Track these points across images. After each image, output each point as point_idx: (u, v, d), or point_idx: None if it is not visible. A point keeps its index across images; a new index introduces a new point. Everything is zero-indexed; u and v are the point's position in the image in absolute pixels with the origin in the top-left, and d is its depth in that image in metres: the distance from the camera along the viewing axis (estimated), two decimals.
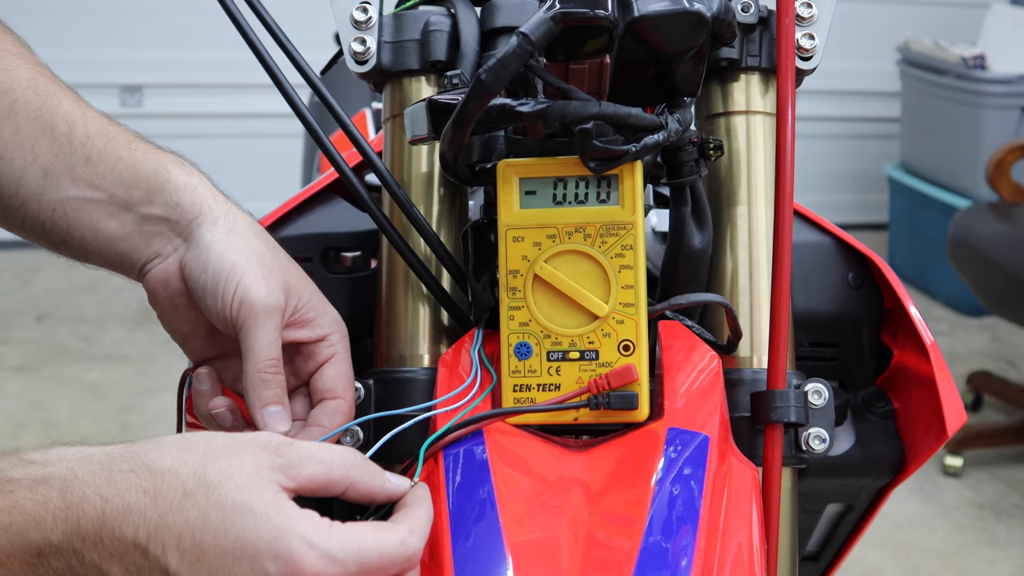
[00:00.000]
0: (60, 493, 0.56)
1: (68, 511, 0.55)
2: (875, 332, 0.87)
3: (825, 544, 0.98)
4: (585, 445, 0.70)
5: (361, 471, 0.62)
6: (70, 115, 0.74)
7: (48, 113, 0.74)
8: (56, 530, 0.55)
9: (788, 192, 0.72)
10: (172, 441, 0.59)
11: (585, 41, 0.68)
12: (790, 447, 0.75)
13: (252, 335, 0.70)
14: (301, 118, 0.77)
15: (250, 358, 0.70)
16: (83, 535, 0.55)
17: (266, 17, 0.77)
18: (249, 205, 0.77)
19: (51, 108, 0.74)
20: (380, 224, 0.77)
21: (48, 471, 0.56)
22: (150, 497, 0.56)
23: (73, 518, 0.55)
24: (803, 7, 0.79)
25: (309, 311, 0.74)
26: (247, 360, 0.71)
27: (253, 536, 0.55)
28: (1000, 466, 2.87)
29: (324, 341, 0.74)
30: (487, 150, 0.75)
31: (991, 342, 3.62)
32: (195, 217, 0.73)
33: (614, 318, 0.70)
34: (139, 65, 4.04)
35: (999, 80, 3.59)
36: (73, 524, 0.55)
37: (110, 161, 0.73)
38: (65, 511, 0.55)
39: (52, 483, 0.56)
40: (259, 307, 0.70)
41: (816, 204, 1.01)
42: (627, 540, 0.62)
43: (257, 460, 0.58)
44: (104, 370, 3.13)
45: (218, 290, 0.71)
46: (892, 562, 2.46)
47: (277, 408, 0.71)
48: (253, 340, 0.70)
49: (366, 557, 0.57)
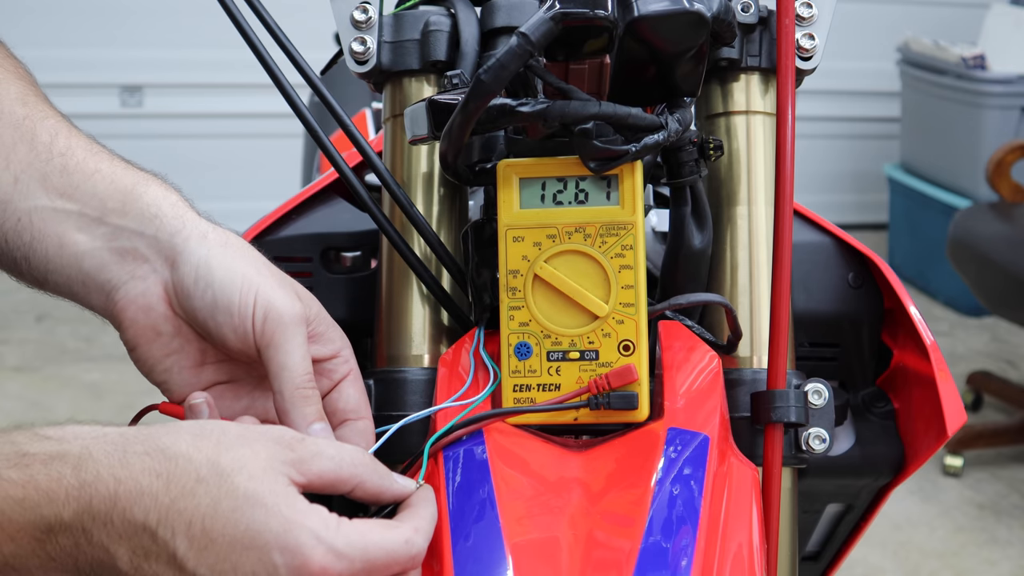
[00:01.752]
0: (74, 470, 0.56)
1: (81, 489, 0.55)
2: (875, 332, 0.87)
3: (825, 544, 0.98)
4: (585, 445, 0.70)
5: (369, 470, 0.62)
6: (54, 128, 0.69)
7: (31, 123, 0.69)
8: (68, 507, 0.55)
9: (788, 192, 0.72)
10: (186, 427, 0.59)
11: (585, 41, 0.68)
12: (790, 447, 0.75)
13: (283, 349, 0.65)
14: (301, 118, 0.77)
15: (285, 375, 0.65)
16: (94, 514, 0.55)
17: (266, 17, 0.77)
18: (249, 205, 0.77)
19: (36, 120, 0.69)
20: (380, 224, 0.77)
21: (63, 447, 0.56)
22: (163, 481, 0.56)
23: (86, 496, 0.55)
24: (803, 7, 0.79)
25: (320, 324, 0.69)
26: (281, 378, 0.65)
27: (263, 527, 0.56)
28: (1000, 466, 2.87)
29: (339, 357, 0.70)
30: (487, 150, 0.75)
31: (991, 342, 3.62)
32: (178, 231, 0.66)
33: (614, 318, 0.70)
34: (139, 65, 4.04)
35: (999, 80, 3.59)
36: (85, 503, 0.55)
37: (87, 171, 0.67)
38: (78, 489, 0.55)
39: (67, 460, 0.56)
40: (288, 318, 0.65)
41: (816, 204, 1.01)
42: (627, 540, 0.62)
43: (270, 452, 0.58)
44: (104, 370, 3.13)
45: (233, 304, 0.65)
46: (892, 562, 2.46)
47: (322, 425, 0.66)
48: (286, 355, 0.65)
49: (372, 554, 0.58)
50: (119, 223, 0.66)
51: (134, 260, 0.67)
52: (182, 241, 0.66)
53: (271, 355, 0.65)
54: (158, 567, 0.56)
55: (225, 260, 0.66)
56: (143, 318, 0.67)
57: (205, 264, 0.66)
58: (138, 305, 0.66)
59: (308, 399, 0.66)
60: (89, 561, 0.56)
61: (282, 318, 0.65)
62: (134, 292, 0.66)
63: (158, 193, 0.68)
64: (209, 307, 0.65)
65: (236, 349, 0.67)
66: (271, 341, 0.65)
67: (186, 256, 0.66)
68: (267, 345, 0.65)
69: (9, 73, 0.72)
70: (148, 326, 0.67)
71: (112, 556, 0.56)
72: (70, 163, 0.67)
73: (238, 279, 0.65)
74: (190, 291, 0.66)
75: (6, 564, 0.56)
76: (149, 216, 0.67)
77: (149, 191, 0.67)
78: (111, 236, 0.66)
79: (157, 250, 0.67)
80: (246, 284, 0.65)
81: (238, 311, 0.65)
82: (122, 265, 0.67)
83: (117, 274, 0.67)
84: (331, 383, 0.70)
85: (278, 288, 0.66)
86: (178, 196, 0.69)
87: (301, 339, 0.66)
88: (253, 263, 0.67)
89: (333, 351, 0.70)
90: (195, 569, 0.55)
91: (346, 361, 0.70)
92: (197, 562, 0.55)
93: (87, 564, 0.56)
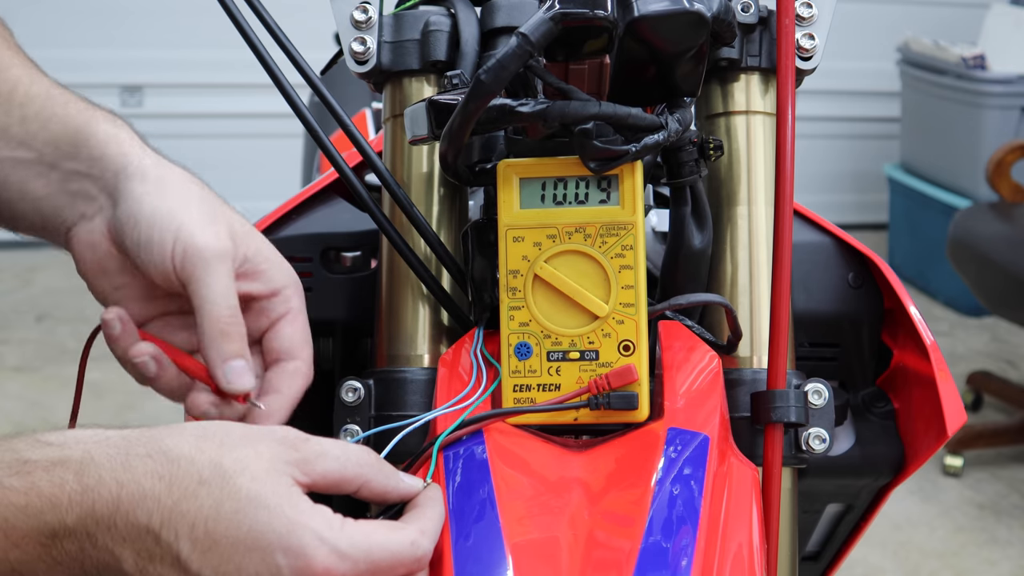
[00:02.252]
0: (76, 476, 0.56)
1: (84, 494, 0.55)
2: (875, 332, 0.87)
3: (825, 544, 0.98)
4: (585, 445, 0.70)
5: (375, 470, 0.61)
6: (15, 77, 0.70)
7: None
8: (71, 513, 0.55)
9: (788, 192, 0.72)
10: (190, 428, 0.59)
11: (585, 41, 0.68)
12: (790, 447, 0.75)
13: (203, 283, 0.65)
14: (301, 118, 0.77)
15: (205, 309, 0.65)
16: (97, 518, 0.55)
17: (266, 17, 0.77)
18: (249, 205, 0.76)
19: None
20: (380, 224, 0.77)
21: (65, 453, 0.56)
22: (165, 483, 0.56)
23: (88, 501, 0.55)
24: (803, 7, 0.79)
25: (261, 261, 0.69)
26: (201, 313, 0.65)
27: (266, 528, 0.56)
28: (1000, 466, 2.87)
29: (278, 296, 0.69)
30: (487, 150, 0.75)
31: (991, 342, 3.62)
32: (120, 169, 0.68)
33: (614, 318, 0.70)
34: (139, 65, 4.04)
35: (999, 80, 3.59)
36: (88, 507, 0.55)
37: (43, 119, 0.69)
38: (81, 494, 0.55)
39: (69, 465, 0.56)
40: (207, 252, 0.65)
41: (816, 204, 1.01)
42: (627, 540, 0.62)
43: (274, 453, 0.58)
44: (104, 370, 3.10)
45: (153, 241, 0.65)
46: (892, 562, 2.46)
47: (240, 362, 0.66)
48: (205, 289, 0.65)
49: (376, 555, 0.57)
50: (70, 167, 0.69)
51: (84, 200, 0.69)
52: (123, 180, 0.68)
53: (192, 291, 0.66)
54: (163, 569, 0.56)
55: (155, 199, 0.67)
56: (90, 255, 0.69)
57: (137, 202, 0.67)
58: (85, 243, 0.69)
59: (229, 336, 0.66)
60: (95, 564, 0.56)
61: (201, 253, 0.65)
62: (83, 231, 0.69)
63: (106, 132, 0.69)
64: (136, 245, 0.67)
65: (164, 286, 0.67)
66: (190, 276, 0.65)
67: (123, 195, 0.67)
68: (187, 281, 0.66)
69: None
70: (95, 262, 0.69)
71: (117, 559, 0.56)
72: (28, 113, 0.69)
73: (161, 214, 0.66)
74: (123, 229, 0.67)
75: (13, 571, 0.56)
76: (96, 157, 0.68)
77: (98, 131, 0.69)
78: (64, 179, 0.69)
79: (102, 188, 0.69)
80: (168, 219, 0.66)
81: (158, 248, 0.66)
82: (74, 206, 0.69)
83: (70, 214, 0.69)
84: (268, 321, 0.69)
85: (205, 225, 0.66)
86: (127, 132, 0.70)
87: (223, 273, 0.66)
88: (184, 197, 0.67)
89: (271, 289, 0.69)
90: (199, 571, 0.55)
91: (286, 300, 0.69)
92: (201, 564, 0.55)
93: (93, 568, 0.56)
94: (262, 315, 0.69)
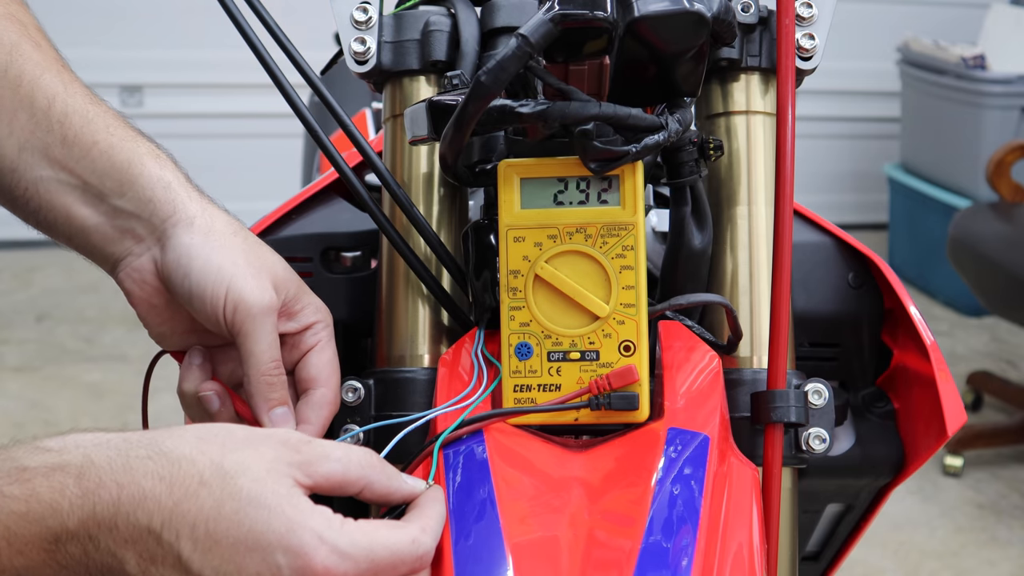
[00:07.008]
0: (76, 480, 0.56)
1: (84, 497, 0.56)
2: (875, 332, 0.87)
3: (825, 544, 0.98)
4: (585, 445, 0.70)
5: (377, 471, 0.62)
6: (50, 89, 0.72)
7: (28, 85, 0.71)
8: (72, 517, 0.55)
9: (788, 192, 0.72)
10: (192, 430, 0.59)
11: (585, 42, 0.68)
12: (790, 447, 0.75)
13: (252, 338, 0.69)
14: (301, 118, 0.77)
15: (252, 361, 0.70)
16: (98, 521, 0.56)
17: (266, 17, 0.77)
18: (249, 205, 0.77)
19: (32, 80, 0.71)
20: (380, 224, 0.77)
21: (64, 458, 0.57)
22: (166, 484, 0.56)
23: (89, 504, 0.56)
24: (803, 7, 0.79)
25: (296, 303, 0.73)
26: (249, 363, 0.70)
27: (266, 528, 0.56)
28: (1000, 466, 2.87)
29: (310, 330, 0.73)
30: (487, 150, 0.75)
31: (991, 342, 3.62)
32: (168, 216, 0.71)
33: (615, 318, 0.70)
34: (139, 65, 4.04)
35: (999, 80, 3.59)
36: (89, 510, 0.56)
37: (85, 145, 0.71)
38: (81, 497, 0.56)
39: (68, 470, 0.56)
40: (256, 309, 0.69)
41: (816, 204, 1.01)
42: (627, 540, 0.62)
43: (276, 454, 0.59)
44: (104, 370, 3.13)
45: (206, 296, 0.69)
46: (892, 562, 2.46)
47: (283, 409, 0.71)
48: (253, 343, 0.70)
49: (377, 555, 0.57)
50: (118, 204, 0.71)
51: (132, 239, 0.72)
52: (171, 227, 0.71)
53: (241, 343, 0.70)
54: (165, 570, 0.56)
55: (204, 251, 0.70)
56: (139, 291, 0.72)
57: (186, 254, 0.70)
58: (134, 279, 0.72)
59: (272, 386, 0.70)
60: (99, 567, 0.56)
61: (250, 310, 0.69)
62: (131, 267, 0.72)
63: (152, 174, 0.71)
64: (188, 295, 0.70)
65: (213, 330, 0.72)
66: (240, 330, 0.70)
67: (172, 243, 0.71)
68: (237, 334, 0.70)
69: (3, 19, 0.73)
70: (143, 297, 0.73)
71: (120, 561, 0.56)
72: (68, 134, 0.71)
73: (213, 272, 0.69)
74: (172, 277, 0.71)
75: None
76: (144, 200, 0.71)
77: (145, 172, 0.71)
78: (112, 214, 0.71)
79: (150, 231, 0.71)
80: (219, 277, 0.69)
81: (211, 302, 0.69)
82: (122, 242, 0.72)
83: (119, 249, 0.72)
84: (300, 354, 0.74)
85: (251, 279, 0.70)
86: (173, 173, 0.73)
87: (269, 328, 0.70)
88: (230, 254, 0.71)
89: (305, 325, 0.73)
90: (200, 571, 0.56)
91: (316, 333, 0.74)
92: (202, 564, 0.55)
93: (97, 571, 0.57)
94: (294, 349, 0.74)
